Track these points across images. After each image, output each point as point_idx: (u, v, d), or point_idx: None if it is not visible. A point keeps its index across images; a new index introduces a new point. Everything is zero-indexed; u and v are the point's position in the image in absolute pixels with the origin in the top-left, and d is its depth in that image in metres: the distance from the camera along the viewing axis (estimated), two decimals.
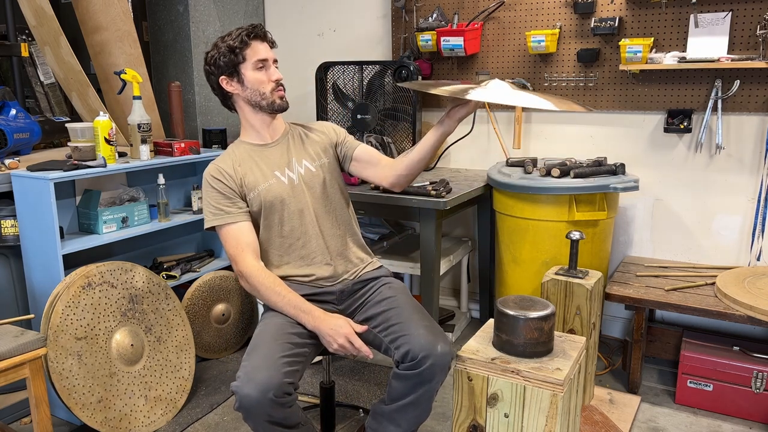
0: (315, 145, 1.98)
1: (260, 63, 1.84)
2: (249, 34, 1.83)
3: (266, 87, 1.85)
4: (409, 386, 1.68)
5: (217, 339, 2.87)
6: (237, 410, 1.58)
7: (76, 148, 2.34)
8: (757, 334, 2.68)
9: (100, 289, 2.20)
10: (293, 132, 2.00)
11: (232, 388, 1.58)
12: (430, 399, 1.71)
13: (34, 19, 2.64)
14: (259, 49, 1.84)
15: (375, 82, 3.00)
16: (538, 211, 2.53)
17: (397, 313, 1.79)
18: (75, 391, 2.09)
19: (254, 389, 1.54)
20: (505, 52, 3.03)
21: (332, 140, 2.01)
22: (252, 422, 1.60)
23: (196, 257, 2.93)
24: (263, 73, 1.85)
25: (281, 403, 1.57)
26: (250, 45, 1.83)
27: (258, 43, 1.85)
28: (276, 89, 1.87)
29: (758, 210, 2.62)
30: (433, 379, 1.66)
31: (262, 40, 1.86)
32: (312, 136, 2.00)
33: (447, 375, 1.70)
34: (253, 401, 1.54)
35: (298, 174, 1.91)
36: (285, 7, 3.64)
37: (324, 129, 2.03)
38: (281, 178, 1.89)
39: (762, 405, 2.31)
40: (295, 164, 1.92)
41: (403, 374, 1.68)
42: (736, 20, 2.53)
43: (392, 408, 1.73)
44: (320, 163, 1.96)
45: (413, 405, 1.70)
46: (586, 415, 2.29)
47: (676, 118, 2.69)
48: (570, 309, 2.18)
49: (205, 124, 3.35)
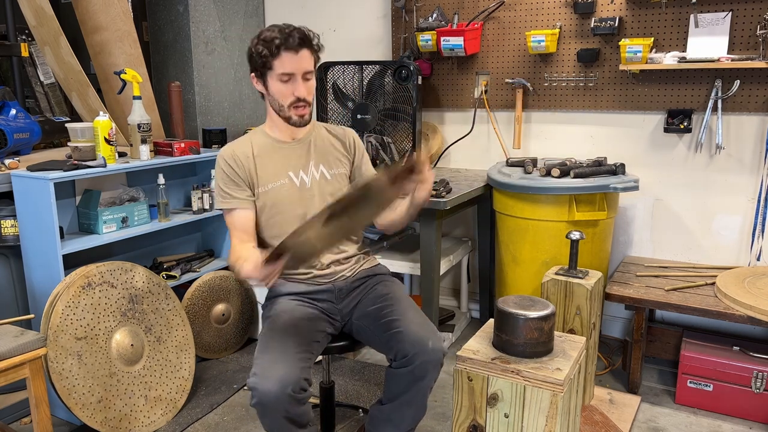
0: (336, 152, 1.95)
1: (285, 76, 1.74)
2: (281, 44, 1.71)
3: (286, 100, 1.78)
4: (403, 384, 1.68)
5: (217, 339, 2.87)
6: (253, 406, 1.58)
7: (76, 148, 2.34)
8: (757, 334, 2.68)
9: (100, 289, 2.20)
10: (317, 133, 1.95)
11: (249, 384, 1.58)
12: (424, 396, 1.71)
13: (34, 19, 2.64)
14: (287, 62, 1.73)
15: (375, 82, 3.00)
16: (538, 211, 2.53)
17: (390, 310, 1.79)
18: (75, 391, 2.09)
19: (273, 385, 1.53)
20: (505, 52, 3.03)
21: (350, 156, 1.97)
22: (269, 419, 1.60)
23: (196, 257, 2.93)
24: (287, 86, 1.76)
25: (298, 399, 1.57)
26: (280, 56, 1.72)
27: (289, 54, 1.72)
28: (295, 105, 1.78)
29: (758, 210, 2.62)
30: (426, 376, 1.66)
31: (295, 51, 1.72)
32: (335, 143, 1.96)
33: (440, 372, 1.71)
34: (271, 397, 1.54)
35: (312, 178, 1.89)
36: (285, 7, 3.64)
37: (347, 140, 1.98)
38: (294, 179, 1.87)
39: (762, 405, 2.30)
40: (312, 168, 1.89)
41: (396, 372, 1.68)
42: (736, 20, 2.53)
43: (389, 408, 1.74)
44: (337, 172, 1.93)
45: (408, 403, 1.70)
46: (586, 415, 2.29)
47: (676, 118, 2.69)
48: (570, 309, 2.18)
49: (205, 124, 3.35)
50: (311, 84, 1.80)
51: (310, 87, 1.80)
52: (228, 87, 3.48)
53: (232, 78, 3.50)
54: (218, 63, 3.40)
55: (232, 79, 3.50)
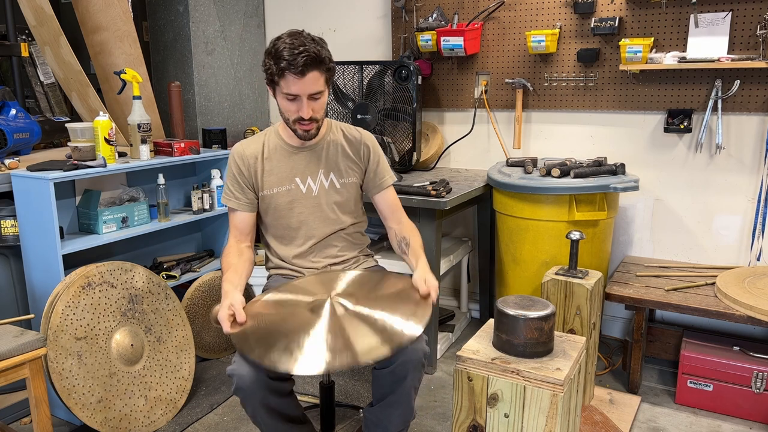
0: (347, 161, 1.92)
1: (291, 96, 1.72)
2: (285, 68, 1.66)
3: (291, 116, 1.76)
4: (387, 385, 1.68)
5: (217, 339, 2.87)
6: (234, 393, 1.59)
7: (76, 148, 2.34)
8: (757, 334, 2.68)
9: (100, 289, 2.20)
10: (332, 137, 1.91)
11: (228, 371, 1.59)
12: (409, 397, 1.70)
13: (34, 19, 2.64)
14: (291, 85, 1.69)
15: (375, 82, 3.00)
16: (538, 211, 2.53)
17: None
18: (75, 391, 2.09)
19: (247, 368, 1.55)
20: (505, 52, 3.03)
21: (361, 164, 1.94)
22: (249, 406, 1.61)
23: (196, 257, 2.93)
24: (292, 105, 1.74)
25: (275, 388, 1.57)
26: (285, 77, 1.68)
27: (293, 77, 1.67)
28: (300, 122, 1.76)
29: (758, 210, 2.62)
30: (407, 376, 1.65)
31: (301, 75, 1.66)
32: (349, 150, 1.92)
33: (423, 372, 1.70)
34: (246, 381, 1.55)
35: (320, 185, 1.88)
36: (285, 7, 3.63)
37: (361, 147, 1.93)
38: (300, 185, 1.87)
39: (762, 405, 2.30)
40: (321, 176, 1.88)
41: (379, 373, 1.68)
42: (736, 20, 2.53)
43: (377, 409, 1.74)
44: (347, 181, 1.91)
45: (394, 404, 1.70)
46: (586, 415, 2.29)
47: (676, 118, 2.69)
48: (570, 309, 2.18)
49: (205, 124, 3.35)
50: (320, 102, 1.75)
51: (318, 106, 1.75)
52: (228, 87, 3.49)
53: (232, 78, 3.50)
54: (218, 63, 3.40)
55: (232, 79, 3.50)
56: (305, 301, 1.63)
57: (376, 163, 1.94)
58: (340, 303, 1.59)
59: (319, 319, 1.52)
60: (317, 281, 1.76)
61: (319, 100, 1.74)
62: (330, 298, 1.60)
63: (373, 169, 1.94)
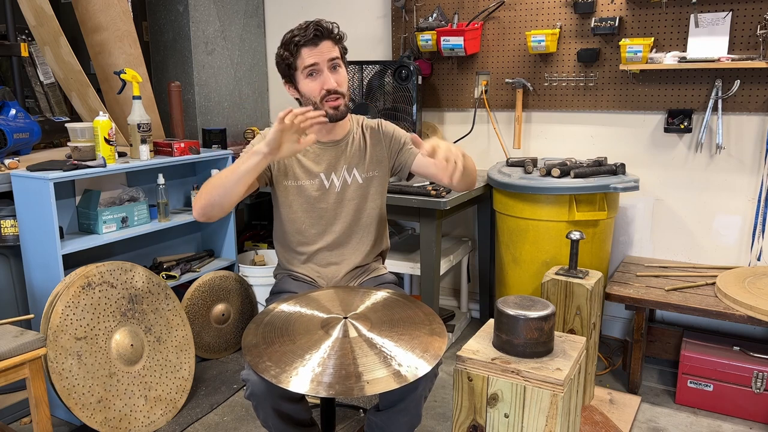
0: (372, 154, 1.90)
1: (310, 69, 1.71)
2: (299, 41, 1.70)
3: (317, 96, 1.73)
4: (397, 392, 1.66)
5: (217, 339, 2.87)
6: (247, 398, 1.59)
7: (76, 148, 2.34)
8: (757, 334, 2.68)
9: (100, 289, 2.20)
10: (357, 133, 1.90)
11: (242, 376, 1.59)
12: (418, 405, 1.70)
13: (34, 19, 2.64)
14: (306, 56, 1.71)
15: (375, 82, 3.00)
16: (538, 211, 2.53)
17: None
18: (75, 391, 2.09)
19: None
20: (505, 51, 3.02)
21: (390, 141, 1.89)
22: (262, 412, 1.61)
23: (196, 257, 2.93)
24: (315, 81, 1.73)
25: (289, 394, 1.57)
26: (300, 53, 1.71)
27: (308, 49, 1.70)
28: (327, 98, 1.73)
29: (758, 210, 2.62)
30: (419, 386, 1.64)
31: (314, 44, 1.71)
32: (374, 143, 1.90)
33: (434, 382, 1.70)
34: (261, 387, 1.55)
35: (343, 180, 1.86)
36: (285, 7, 3.63)
37: (381, 134, 1.90)
38: (324, 180, 1.86)
39: (762, 405, 2.30)
40: (344, 171, 1.86)
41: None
42: (736, 20, 2.53)
43: (384, 415, 1.73)
44: (371, 174, 1.89)
45: (402, 412, 1.69)
46: (587, 415, 2.29)
47: (676, 118, 2.69)
48: (570, 309, 2.18)
49: (205, 124, 3.35)
50: (342, 73, 1.75)
51: (341, 77, 1.74)
52: (228, 87, 3.48)
53: (232, 78, 3.50)
54: (218, 63, 3.40)
55: (232, 79, 3.50)
56: (319, 317, 1.56)
57: (400, 136, 1.92)
58: (353, 325, 1.51)
59: (330, 339, 1.45)
60: (335, 297, 1.68)
61: (340, 71, 1.75)
62: (345, 319, 1.53)
63: (401, 142, 1.90)
